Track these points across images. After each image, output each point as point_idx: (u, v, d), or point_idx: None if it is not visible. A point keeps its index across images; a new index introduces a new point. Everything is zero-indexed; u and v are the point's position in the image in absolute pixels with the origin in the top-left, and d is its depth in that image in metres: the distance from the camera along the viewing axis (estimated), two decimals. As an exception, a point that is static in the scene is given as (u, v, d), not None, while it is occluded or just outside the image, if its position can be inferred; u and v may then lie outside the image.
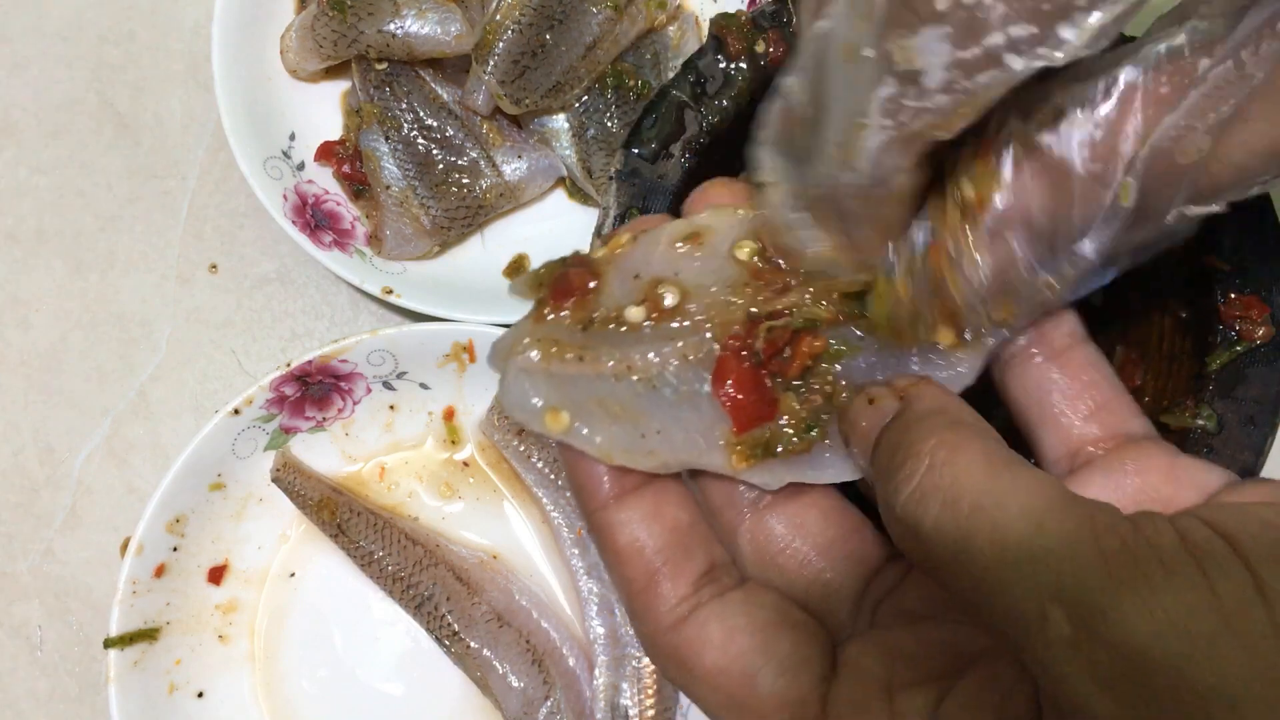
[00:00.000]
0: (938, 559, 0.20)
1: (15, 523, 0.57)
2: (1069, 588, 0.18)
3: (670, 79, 0.38)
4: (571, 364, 0.26)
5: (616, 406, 0.26)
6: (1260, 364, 0.35)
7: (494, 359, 0.27)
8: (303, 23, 0.56)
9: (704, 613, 0.25)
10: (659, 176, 0.37)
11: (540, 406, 0.26)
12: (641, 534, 0.26)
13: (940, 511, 0.20)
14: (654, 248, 0.27)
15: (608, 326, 0.26)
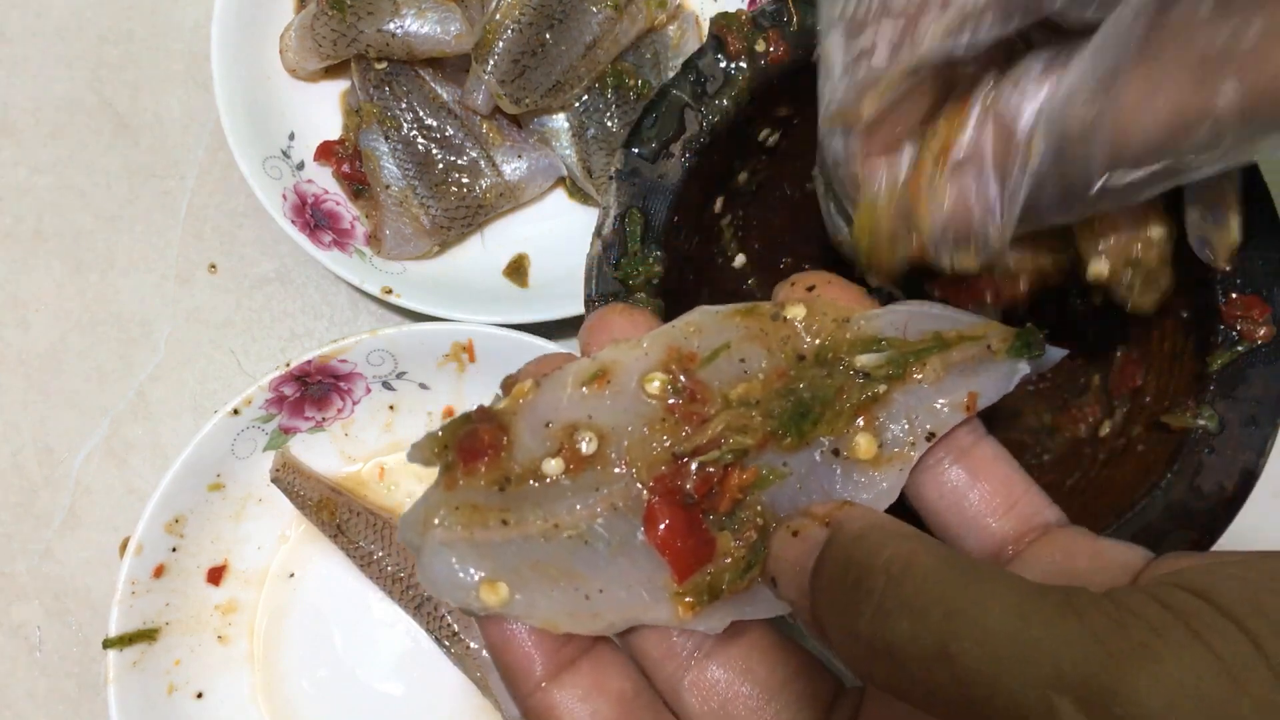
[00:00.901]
0: (914, 675, 0.19)
1: (14, 523, 0.57)
2: (1069, 675, 0.17)
3: (670, 79, 0.37)
4: (497, 530, 0.24)
5: (553, 569, 0.24)
6: (1261, 364, 0.34)
7: (406, 533, 0.25)
8: (302, 22, 0.56)
9: None
10: (659, 176, 0.37)
11: (474, 580, 0.24)
12: (586, 712, 0.24)
13: (911, 625, 0.19)
14: (560, 392, 0.25)
15: (526, 483, 0.25)
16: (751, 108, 0.38)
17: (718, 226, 0.42)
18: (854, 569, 0.21)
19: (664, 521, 0.25)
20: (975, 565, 0.20)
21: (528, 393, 0.25)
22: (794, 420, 0.25)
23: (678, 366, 0.26)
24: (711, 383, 0.26)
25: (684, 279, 0.40)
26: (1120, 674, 0.17)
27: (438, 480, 0.25)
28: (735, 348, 0.26)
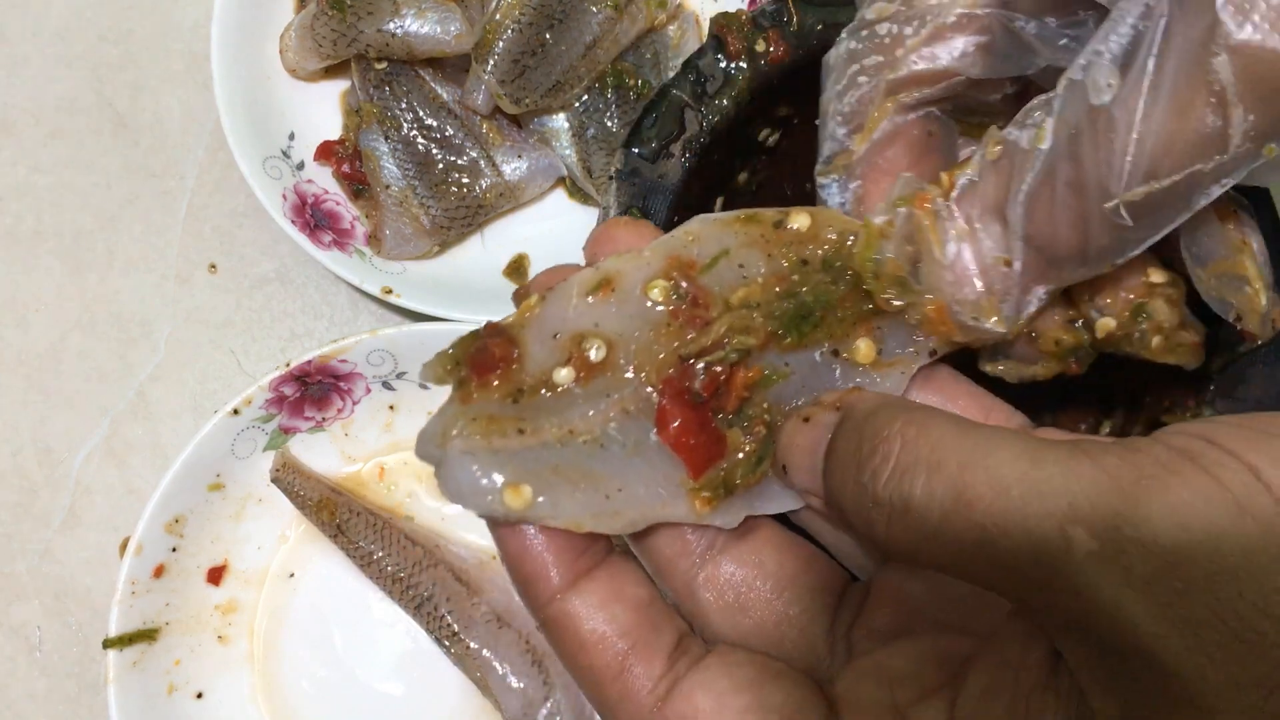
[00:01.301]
0: (932, 528, 0.20)
1: (14, 523, 0.57)
2: (1083, 507, 0.18)
3: (670, 78, 0.37)
4: (514, 438, 0.25)
5: (573, 472, 0.25)
6: (1261, 364, 0.34)
7: (425, 448, 0.25)
8: (302, 22, 0.56)
9: (686, 685, 0.24)
10: (659, 176, 0.37)
11: (498, 484, 0.24)
12: (605, 619, 0.25)
13: (928, 478, 0.20)
14: (566, 303, 0.26)
15: (539, 394, 0.25)
16: (751, 108, 0.38)
17: (718, 226, 0.42)
18: (868, 440, 0.22)
19: (675, 421, 0.25)
20: (982, 425, 0.21)
21: (534, 306, 0.26)
22: (794, 322, 0.26)
23: (679, 273, 0.26)
24: (713, 288, 0.26)
25: (684, 279, 0.40)
26: (1131, 503, 0.18)
27: (452, 396, 0.25)
28: (734, 253, 0.27)
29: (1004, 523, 0.19)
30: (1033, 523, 0.19)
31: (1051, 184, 0.24)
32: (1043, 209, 0.25)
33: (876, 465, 0.21)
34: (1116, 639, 0.18)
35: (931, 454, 0.20)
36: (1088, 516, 0.18)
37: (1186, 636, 0.17)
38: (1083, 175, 0.23)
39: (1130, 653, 0.18)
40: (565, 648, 0.25)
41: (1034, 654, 0.21)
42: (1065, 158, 0.24)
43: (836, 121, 0.29)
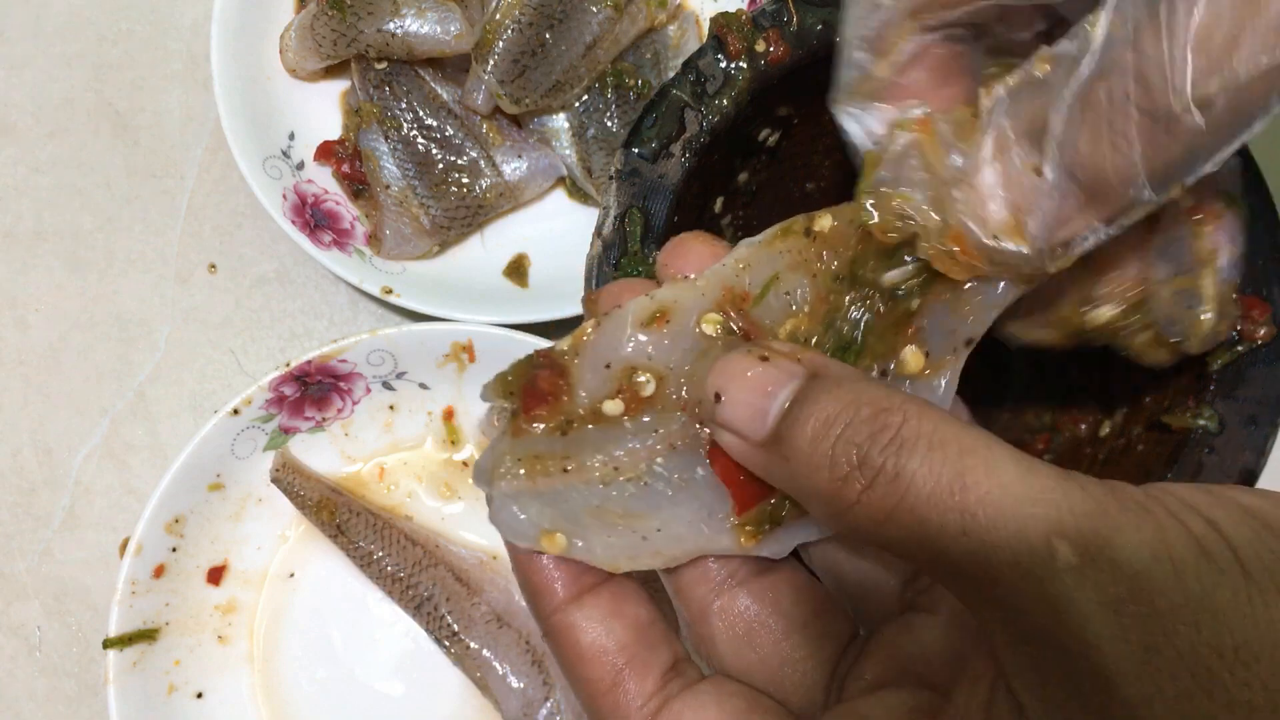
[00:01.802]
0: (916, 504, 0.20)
1: (14, 523, 0.57)
2: (1069, 523, 0.19)
3: (670, 78, 0.37)
4: (558, 477, 0.25)
5: (612, 514, 0.25)
6: (1261, 364, 0.34)
7: (479, 480, 0.26)
8: (302, 22, 0.56)
9: (677, 705, 0.24)
10: (659, 176, 0.37)
11: (535, 531, 0.25)
12: (603, 632, 0.25)
13: (929, 454, 0.20)
14: (620, 333, 0.26)
15: (587, 426, 0.26)
16: (751, 108, 0.38)
17: (718, 226, 0.42)
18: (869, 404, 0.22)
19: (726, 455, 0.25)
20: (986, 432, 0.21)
21: (590, 333, 0.26)
22: (838, 354, 0.26)
23: (731, 307, 0.26)
24: (764, 321, 0.26)
25: (684, 279, 0.40)
26: (1113, 528, 0.19)
27: (504, 430, 0.26)
28: (783, 279, 0.27)
29: (995, 516, 0.19)
30: (1023, 525, 0.19)
31: (1107, 85, 0.22)
32: (1095, 113, 0.22)
33: (875, 431, 0.21)
34: (1072, 653, 0.18)
35: (935, 433, 0.21)
36: (1073, 533, 0.19)
37: (1143, 662, 0.18)
38: (1145, 70, 0.21)
39: (1083, 669, 0.18)
40: (565, 657, 0.26)
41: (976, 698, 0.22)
42: (1124, 53, 0.21)
43: (856, 46, 0.27)
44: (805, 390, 0.23)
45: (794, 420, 0.23)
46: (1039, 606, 0.19)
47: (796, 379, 0.23)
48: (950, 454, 0.20)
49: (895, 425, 0.21)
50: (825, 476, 0.22)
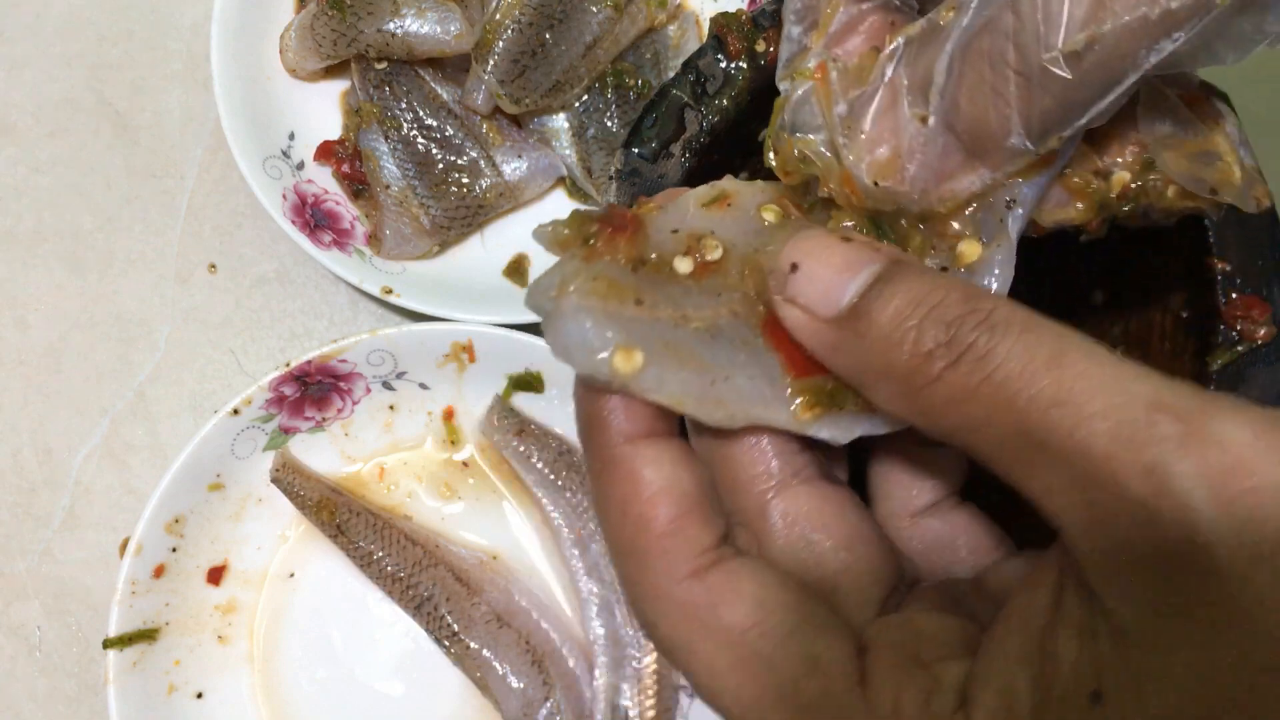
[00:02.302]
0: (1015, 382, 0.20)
1: (14, 523, 0.57)
2: (1169, 401, 0.19)
3: (670, 79, 0.37)
4: (630, 307, 0.24)
5: (683, 351, 0.24)
6: (1261, 364, 0.34)
7: (537, 299, 0.24)
8: (302, 22, 0.56)
9: (733, 564, 0.23)
10: (659, 176, 0.37)
11: (610, 344, 0.23)
12: (671, 474, 0.23)
13: (1021, 335, 0.20)
14: (685, 209, 0.26)
15: (659, 273, 0.25)
16: (751, 108, 0.38)
17: (718, 226, 0.42)
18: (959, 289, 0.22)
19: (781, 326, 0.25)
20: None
21: (653, 209, 0.26)
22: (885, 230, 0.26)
23: (790, 203, 0.27)
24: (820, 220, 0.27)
25: (684, 279, 0.40)
26: (1215, 409, 0.19)
27: (574, 252, 0.25)
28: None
29: (1093, 388, 0.19)
30: (1122, 397, 0.19)
31: (986, 39, 0.23)
32: (976, 66, 0.23)
33: (966, 312, 0.21)
34: (1168, 524, 0.18)
35: (1029, 321, 0.21)
36: (1174, 408, 0.19)
37: (1239, 533, 0.17)
38: (1022, 25, 0.22)
39: (1178, 540, 0.18)
40: (618, 492, 0.24)
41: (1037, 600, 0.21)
42: (1004, 9, 0.23)
43: (791, 21, 0.28)
44: (890, 271, 0.23)
45: (877, 296, 0.22)
46: (1136, 478, 0.18)
47: (879, 262, 0.23)
48: (1046, 337, 0.20)
49: (987, 309, 0.21)
50: (905, 351, 0.21)
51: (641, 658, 0.52)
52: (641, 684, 0.51)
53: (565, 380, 0.53)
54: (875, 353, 0.22)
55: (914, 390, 0.21)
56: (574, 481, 0.53)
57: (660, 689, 0.51)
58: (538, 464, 0.53)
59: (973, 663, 0.21)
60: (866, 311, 0.22)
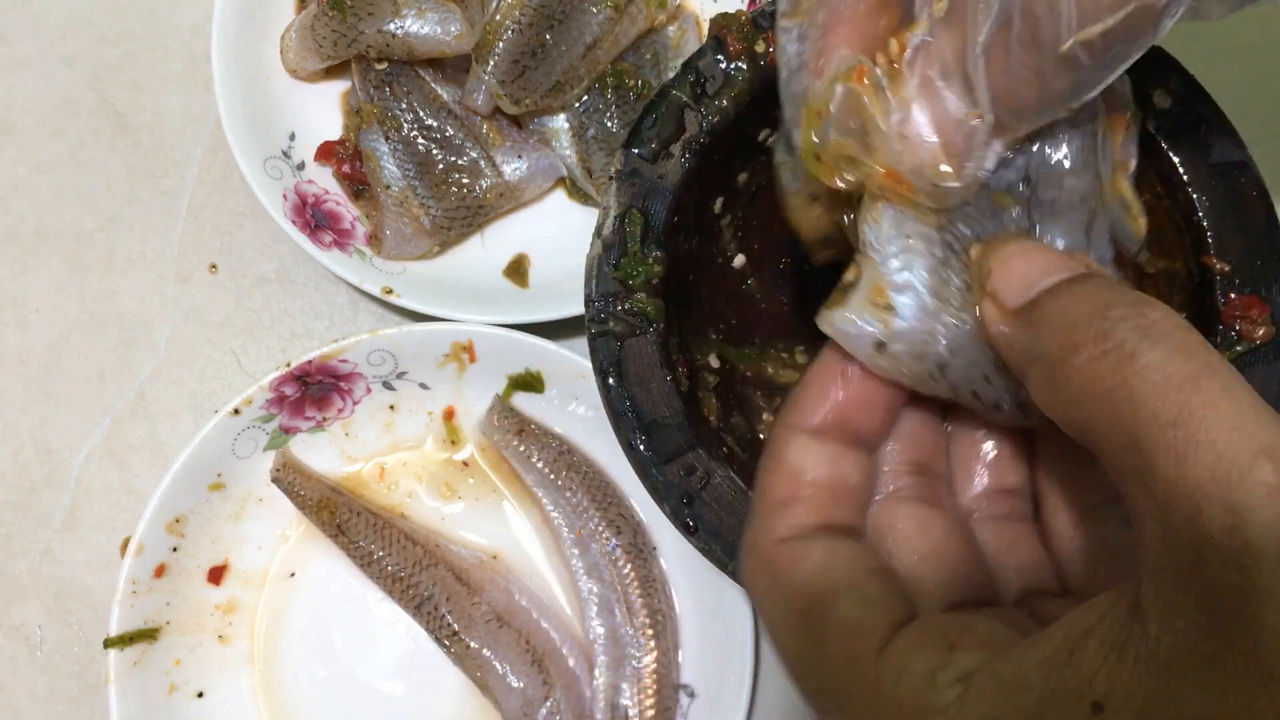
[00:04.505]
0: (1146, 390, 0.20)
1: (14, 523, 0.57)
2: (1277, 452, 0.19)
3: (670, 79, 0.37)
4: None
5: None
6: (1261, 364, 0.35)
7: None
8: (302, 22, 0.56)
9: (816, 541, 0.26)
10: (659, 176, 0.37)
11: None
12: (809, 462, 0.27)
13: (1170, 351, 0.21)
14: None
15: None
16: (751, 108, 0.38)
17: (718, 226, 0.43)
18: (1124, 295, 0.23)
19: None
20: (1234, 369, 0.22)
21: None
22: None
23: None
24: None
25: (684, 279, 0.40)
26: None
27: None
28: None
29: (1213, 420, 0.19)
30: (1237, 436, 0.19)
31: (1007, 32, 0.24)
32: (999, 59, 0.25)
33: (1129, 315, 0.22)
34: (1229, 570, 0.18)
35: (1186, 340, 0.21)
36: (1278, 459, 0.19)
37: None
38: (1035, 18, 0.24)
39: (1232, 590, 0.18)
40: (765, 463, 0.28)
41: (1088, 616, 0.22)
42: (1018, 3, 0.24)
43: None
44: (1080, 277, 0.24)
45: (1058, 291, 0.24)
46: (1217, 514, 0.19)
47: (1073, 270, 0.25)
48: (1194, 359, 0.20)
49: (1151, 318, 0.21)
50: (1061, 338, 0.22)
51: (641, 657, 0.52)
52: (641, 684, 0.51)
53: (565, 380, 0.53)
54: (1039, 339, 0.23)
55: (1059, 376, 0.22)
56: (574, 481, 0.53)
57: (660, 689, 0.52)
58: (538, 464, 0.53)
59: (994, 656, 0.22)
60: (1043, 304, 0.24)
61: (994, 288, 0.26)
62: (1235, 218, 0.35)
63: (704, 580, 0.52)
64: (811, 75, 0.29)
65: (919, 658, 0.22)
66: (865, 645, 0.23)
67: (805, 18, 0.29)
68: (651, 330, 0.36)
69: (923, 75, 0.27)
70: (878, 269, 0.28)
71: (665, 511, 0.35)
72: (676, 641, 0.53)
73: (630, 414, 0.35)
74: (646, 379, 0.35)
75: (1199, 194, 0.35)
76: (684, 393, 0.36)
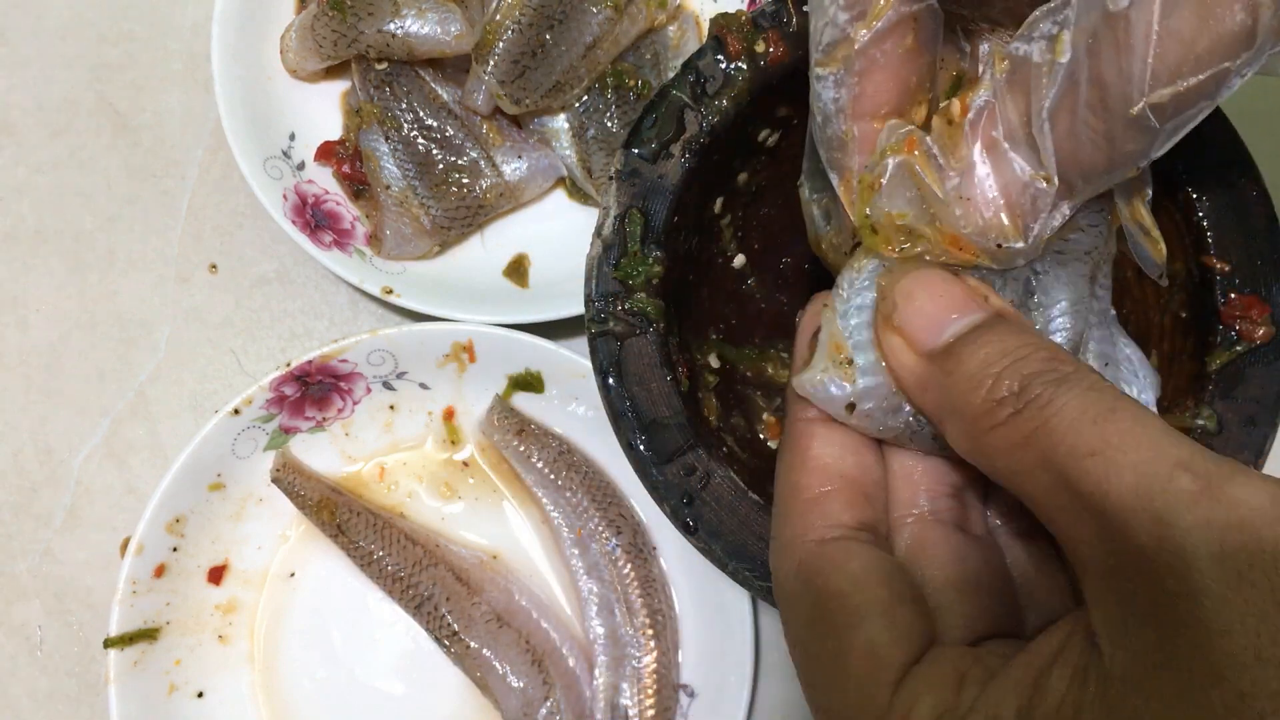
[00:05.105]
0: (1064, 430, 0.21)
1: (14, 523, 0.57)
2: (1198, 464, 0.20)
3: (670, 79, 0.37)
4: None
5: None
6: (1260, 364, 0.34)
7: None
8: (302, 22, 0.56)
9: (855, 545, 0.26)
10: (659, 176, 0.37)
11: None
12: (835, 455, 0.27)
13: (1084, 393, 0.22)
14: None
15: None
16: (751, 108, 0.38)
17: (718, 226, 0.43)
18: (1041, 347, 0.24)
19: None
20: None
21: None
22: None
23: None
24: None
25: (684, 279, 0.40)
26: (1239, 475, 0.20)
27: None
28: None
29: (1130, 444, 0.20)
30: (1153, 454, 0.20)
31: (1074, 95, 0.24)
32: (1065, 122, 0.25)
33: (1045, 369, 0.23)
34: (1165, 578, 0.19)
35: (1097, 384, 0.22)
36: (1195, 468, 0.20)
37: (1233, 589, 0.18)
38: (1104, 82, 0.24)
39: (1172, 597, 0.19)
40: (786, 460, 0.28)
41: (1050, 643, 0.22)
42: (1085, 67, 0.24)
43: (838, 6, 0.28)
44: (991, 321, 0.25)
45: (971, 341, 0.24)
46: (1145, 527, 0.19)
47: (984, 311, 0.25)
48: (1106, 398, 0.21)
49: (1065, 370, 0.22)
50: (981, 396, 0.23)
51: (641, 657, 0.52)
52: (641, 683, 0.51)
53: (565, 380, 0.53)
54: (956, 392, 0.24)
55: (980, 432, 0.23)
56: (574, 481, 0.53)
57: (660, 688, 0.52)
58: (538, 464, 0.53)
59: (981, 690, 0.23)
60: (958, 353, 0.24)
61: (901, 323, 0.26)
62: (1235, 218, 0.35)
63: (704, 580, 0.52)
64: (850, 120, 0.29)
65: (928, 700, 0.23)
66: (883, 676, 0.24)
67: (841, 65, 0.29)
68: (651, 330, 0.36)
69: (986, 137, 0.27)
70: (835, 323, 0.28)
71: (665, 511, 0.35)
72: (676, 641, 0.53)
73: (630, 414, 0.35)
74: (646, 379, 0.35)
75: (1199, 194, 0.35)
76: (684, 393, 0.36)
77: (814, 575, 0.25)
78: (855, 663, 0.24)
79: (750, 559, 0.34)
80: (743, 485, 0.35)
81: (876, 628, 0.24)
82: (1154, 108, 0.23)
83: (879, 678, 0.24)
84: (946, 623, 0.26)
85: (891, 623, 0.24)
